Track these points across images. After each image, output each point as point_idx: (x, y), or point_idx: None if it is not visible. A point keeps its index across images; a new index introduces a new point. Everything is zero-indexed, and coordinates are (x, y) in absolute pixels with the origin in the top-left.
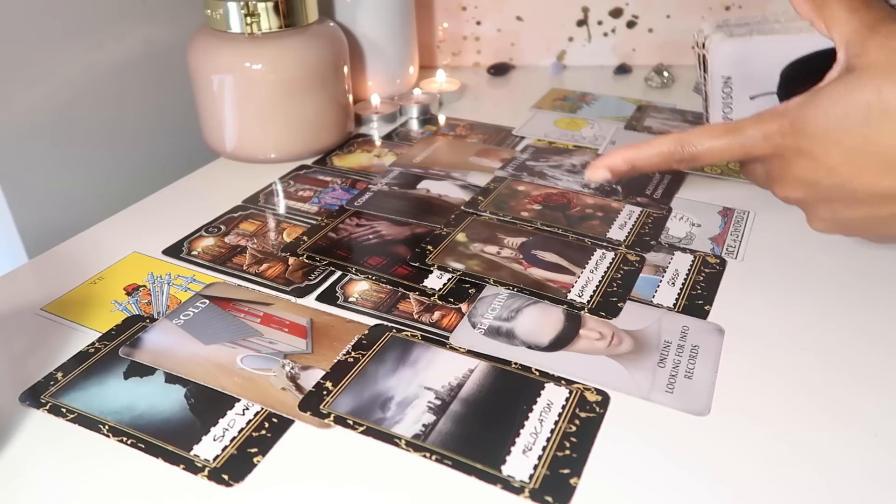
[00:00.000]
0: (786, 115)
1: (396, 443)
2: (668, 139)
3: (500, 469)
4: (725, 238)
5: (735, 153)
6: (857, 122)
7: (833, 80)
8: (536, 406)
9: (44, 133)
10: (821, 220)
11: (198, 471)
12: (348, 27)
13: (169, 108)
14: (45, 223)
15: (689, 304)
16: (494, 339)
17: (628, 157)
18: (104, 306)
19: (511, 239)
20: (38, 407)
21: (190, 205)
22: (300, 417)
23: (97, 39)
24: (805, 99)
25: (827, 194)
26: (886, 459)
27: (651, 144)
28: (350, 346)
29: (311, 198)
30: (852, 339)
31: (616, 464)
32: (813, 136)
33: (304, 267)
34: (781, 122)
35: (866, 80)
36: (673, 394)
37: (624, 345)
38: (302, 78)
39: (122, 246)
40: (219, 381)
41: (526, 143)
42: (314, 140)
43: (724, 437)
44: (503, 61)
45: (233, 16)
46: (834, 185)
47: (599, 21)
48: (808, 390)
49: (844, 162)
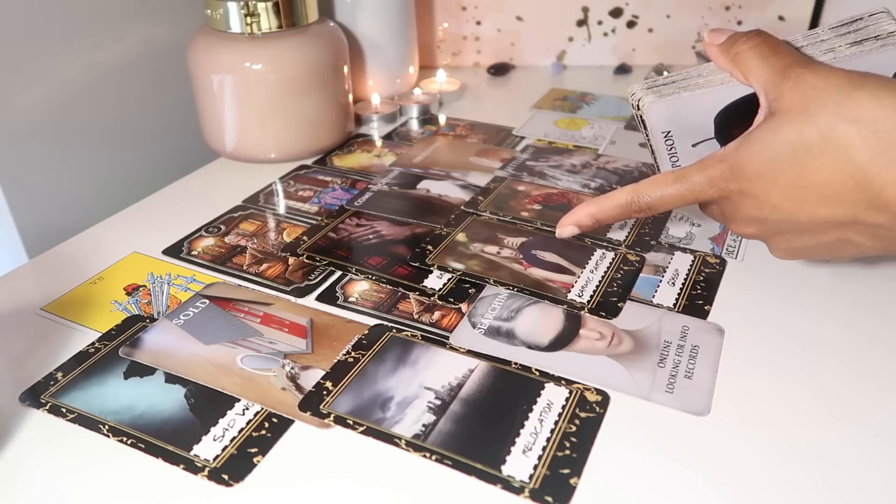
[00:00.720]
0: (725, 161)
1: (396, 443)
2: (624, 192)
3: (500, 469)
4: (725, 238)
5: (686, 199)
6: (787, 162)
7: (760, 125)
8: (536, 406)
9: (44, 133)
10: (779, 250)
11: (198, 471)
12: (348, 27)
13: (169, 108)
14: (45, 223)
15: (689, 304)
16: (494, 339)
17: (590, 212)
18: (104, 306)
19: (511, 239)
20: (38, 407)
21: (190, 205)
22: (300, 417)
23: (97, 39)
24: (739, 144)
25: (777, 228)
26: (886, 459)
27: (609, 198)
28: (350, 346)
29: (311, 198)
30: (852, 339)
31: (616, 464)
32: (751, 179)
33: (304, 267)
34: (722, 168)
35: (786, 122)
36: (673, 394)
37: (624, 345)
38: (302, 78)
39: (122, 246)
40: (219, 381)
41: (526, 143)
42: (314, 140)
43: (724, 436)
44: (503, 61)
45: (233, 16)
46: (781, 219)
47: (599, 21)
48: (808, 390)
49: (785, 198)
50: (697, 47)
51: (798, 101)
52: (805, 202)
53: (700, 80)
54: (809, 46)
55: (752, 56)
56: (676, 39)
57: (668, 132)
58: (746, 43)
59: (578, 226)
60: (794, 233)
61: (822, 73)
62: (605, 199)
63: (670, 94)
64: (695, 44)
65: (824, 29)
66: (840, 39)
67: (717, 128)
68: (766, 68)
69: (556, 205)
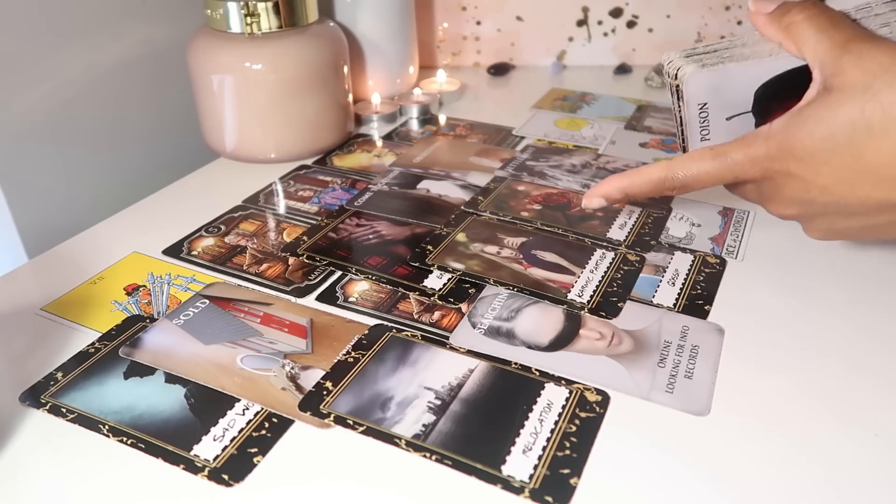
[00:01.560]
0: (771, 139)
1: (396, 443)
2: (659, 166)
3: (500, 469)
4: (725, 238)
5: (724, 177)
6: (844, 142)
7: (813, 101)
8: (536, 406)
9: (44, 133)
10: (818, 230)
11: (198, 471)
12: (348, 27)
13: (169, 108)
14: (45, 223)
15: (689, 304)
16: (494, 339)
17: (621, 186)
18: (104, 306)
19: (511, 239)
20: (38, 407)
21: (190, 205)
22: (300, 417)
23: (97, 39)
24: (788, 121)
25: (822, 210)
26: (887, 459)
27: (641, 173)
28: (350, 346)
29: (311, 198)
30: (852, 339)
31: (616, 464)
32: (801, 159)
33: (304, 267)
34: (768, 146)
35: (847, 99)
36: (673, 394)
37: (624, 345)
38: (302, 78)
39: (122, 246)
40: (219, 381)
41: (526, 143)
42: (314, 140)
43: (724, 436)
44: (503, 61)
45: (233, 16)
46: (828, 202)
47: (599, 21)
48: (809, 390)
49: (836, 180)
50: None
51: (861, 78)
52: (858, 185)
53: (746, 49)
54: (864, 20)
55: (807, 27)
56: (676, 39)
57: (704, 104)
58: (802, 13)
59: (606, 198)
60: (839, 214)
61: (887, 49)
62: (637, 174)
63: (714, 64)
64: (695, 44)
65: (878, 3)
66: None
67: (757, 102)
68: (825, 40)
69: (557, 205)
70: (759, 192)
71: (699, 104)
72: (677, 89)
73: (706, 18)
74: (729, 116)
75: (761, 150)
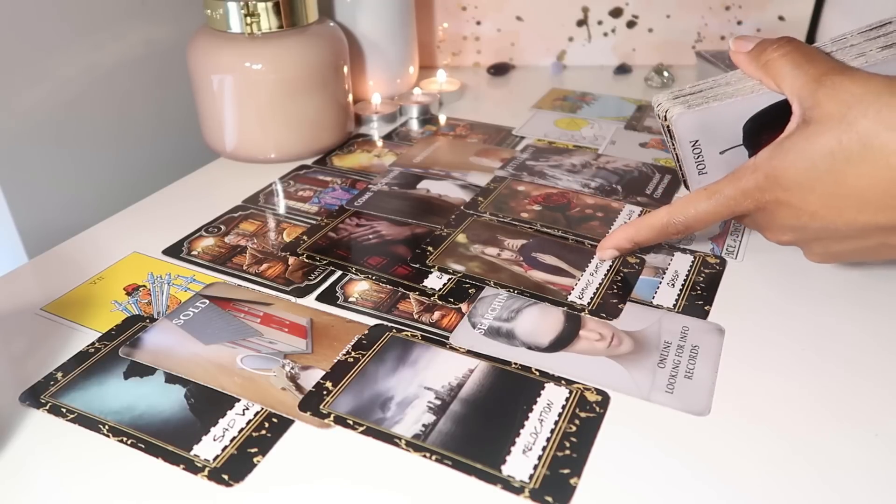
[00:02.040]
0: (758, 171)
1: (396, 443)
2: (660, 213)
3: (500, 469)
4: (725, 238)
5: (722, 213)
6: (825, 170)
7: (793, 133)
8: (536, 406)
9: (44, 133)
10: (816, 254)
11: (198, 471)
12: (348, 27)
13: (169, 108)
14: (45, 223)
15: (688, 304)
16: (494, 339)
17: (628, 236)
18: (104, 306)
19: (511, 241)
20: (38, 407)
21: (190, 205)
22: (300, 417)
23: (97, 40)
24: (771, 153)
25: (815, 235)
26: (887, 459)
27: (646, 221)
28: (350, 346)
29: (311, 198)
30: (852, 339)
31: (616, 464)
32: (788, 188)
33: (304, 267)
34: (756, 178)
35: (824, 130)
36: (673, 394)
37: (624, 345)
38: (302, 78)
39: (122, 246)
40: (219, 381)
41: (526, 142)
42: (314, 140)
43: (724, 436)
44: (503, 61)
45: (233, 16)
46: (819, 227)
47: (599, 21)
48: (808, 390)
49: (823, 206)
50: (697, 47)
51: (836, 109)
52: (844, 210)
53: (728, 88)
54: (840, 52)
55: (783, 64)
56: (676, 39)
57: (696, 141)
58: (777, 51)
59: (618, 249)
60: (832, 239)
61: (859, 79)
62: (642, 222)
63: (699, 105)
64: (695, 44)
65: (853, 33)
66: (871, 43)
67: (746, 135)
68: (800, 76)
69: (557, 205)
70: (755, 221)
71: (691, 142)
72: (668, 129)
73: (706, 18)
74: (722, 150)
75: (750, 183)
